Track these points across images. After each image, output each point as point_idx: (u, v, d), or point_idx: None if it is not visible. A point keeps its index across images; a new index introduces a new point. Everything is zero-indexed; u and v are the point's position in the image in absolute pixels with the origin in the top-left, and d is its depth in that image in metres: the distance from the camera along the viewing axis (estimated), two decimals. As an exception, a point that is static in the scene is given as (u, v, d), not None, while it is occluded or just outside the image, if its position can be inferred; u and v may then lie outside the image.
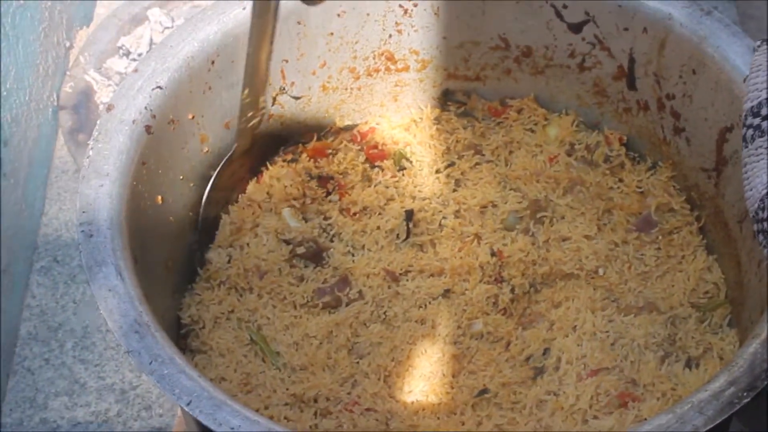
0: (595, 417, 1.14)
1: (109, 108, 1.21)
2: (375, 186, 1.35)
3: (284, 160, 1.38)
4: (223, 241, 1.31)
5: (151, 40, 1.85)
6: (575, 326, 1.22)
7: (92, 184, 1.14)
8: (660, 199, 1.32)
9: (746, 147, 1.00)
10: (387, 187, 1.35)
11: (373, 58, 1.40)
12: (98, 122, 1.20)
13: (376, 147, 1.40)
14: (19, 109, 1.61)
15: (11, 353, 1.54)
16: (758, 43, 1.04)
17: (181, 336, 1.27)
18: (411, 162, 1.38)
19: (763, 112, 1.00)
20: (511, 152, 1.39)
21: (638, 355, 1.19)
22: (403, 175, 1.37)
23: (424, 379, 1.19)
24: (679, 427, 0.92)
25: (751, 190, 0.98)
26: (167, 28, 1.85)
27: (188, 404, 0.97)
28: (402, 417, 1.15)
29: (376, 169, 1.38)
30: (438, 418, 1.16)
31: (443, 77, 1.43)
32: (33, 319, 1.59)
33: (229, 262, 1.30)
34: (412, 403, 1.17)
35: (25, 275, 1.61)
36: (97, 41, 1.85)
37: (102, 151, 1.17)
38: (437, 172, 1.38)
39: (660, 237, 1.30)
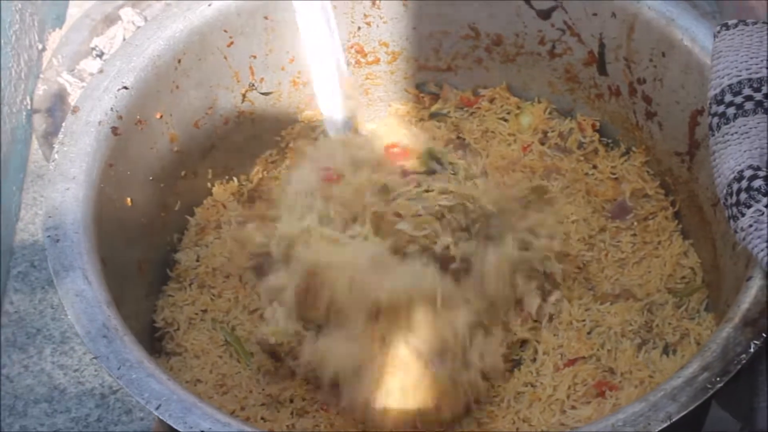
0: (573, 407, 1.13)
1: (75, 110, 1.20)
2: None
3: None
4: (189, 242, 1.30)
5: (124, 40, 1.83)
6: (551, 316, 1.21)
7: (58, 188, 1.13)
8: (634, 184, 1.31)
9: (713, 135, 0.99)
10: None
11: (343, 52, 1.38)
12: (63, 125, 1.19)
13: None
14: (-9, 113, 1.60)
15: (-10, 360, 1.53)
16: (717, 28, 1.03)
17: (156, 338, 1.26)
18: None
19: (727, 98, 0.99)
20: (486, 142, 1.37)
21: (615, 344, 1.18)
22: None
23: (399, 376, 1.17)
24: (653, 415, 0.91)
25: (719, 176, 0.98)
26: (140, 27, 1.83)
27: (157, 408, 0.96)
28: (379, 415, 1.14)
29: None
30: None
31: (414, 68, 1.42)
32: (11, 326, 1.57)
33: (197, 260, 1.28)
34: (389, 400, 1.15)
35: (2, 281, 1.60)
36: (70, 43, 1.82)
37: (68, 154, 1.16)
38: None
39: (635, 223, 1.29)
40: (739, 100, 0.99)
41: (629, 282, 1.24)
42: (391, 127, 1.42)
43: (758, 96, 0.99)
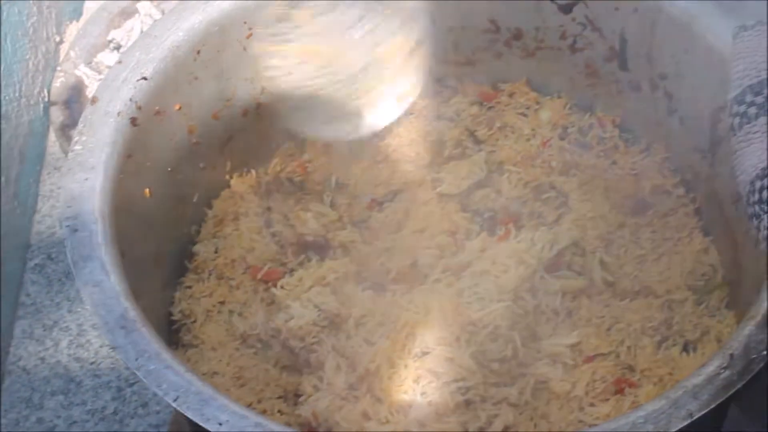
0: (592, 404, 1.12)
1: (94, 101, 1.20)
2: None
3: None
4: (207, 233, 1.30)
5: (142, 32, 1.83)
6: (570, 312, 1.20)
7: (77, 178, 1.12)
8: (654, 180, 1.30)
9: (735, 135, 0.99)
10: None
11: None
12: (82, 115, 1.19)
13: None
14: (9, 105, 1.60)
15: (6, 353, 1.53)
16: (735, 30, 1.03)
17: (174, 330, 1.26)
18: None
19: (747, 98, 0.99)
20: (505, 137, 1.37)
21: (634, 341, 1.17)
22: None
23: (414, 376, 1.17)
24: (674, 412, 0.90)
25: (741, 174, 0.98)
26: (159, 19, 1.83)
27: (175, 400, 0.96)
28: (397, 414, 1.13)
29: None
30: (432, 412, 1.14)
31: (433, 63, 1.41)
32: (28, 318, 1.57)
33: (216, 252, 1.28)
34: (405, 399, 1.15)
35: (19, 273, 1.60)
36: (87, 35, 1.82)
37: (87, 145, 1.15)
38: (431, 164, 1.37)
39: (655, 219, 1.28)
40: (760, 99, 0.99)
41: (649, 278, 1.23)
42: (405, 127, 1.41)
43: None
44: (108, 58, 1.82)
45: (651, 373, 1.14)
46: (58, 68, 1.79)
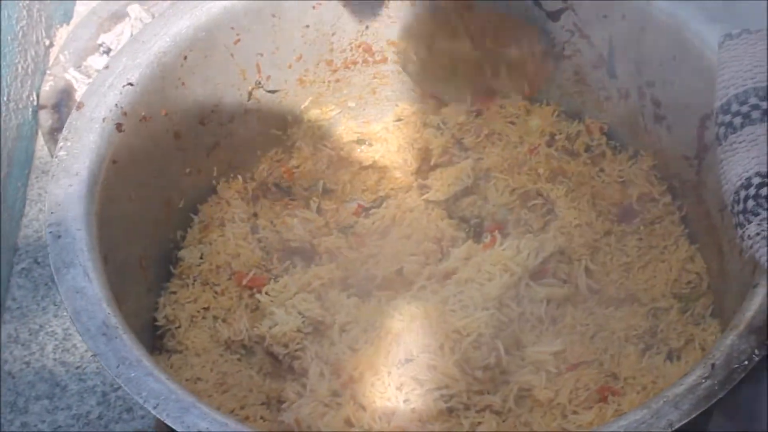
0: (575, 412, 1.12)
1: (79, 106, 1.20)
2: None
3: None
4: (192, 239, 1.30)
5: (131, 36, 1.82)
6: (554, 319, 1.20)
7: (61, 183, 1.12)
8: (641, 188, 1.30)
9: (720, 145, 0.99)
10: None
11: (350, 50, 1.38)
12: (68, 121, 1.18)
13: None
14: (-3, 109, 1.59)
15: (-8, 357, 1.53)
16: (721, 39, 1.03)
17: (158, 336, 1.26)
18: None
19: (733, 108, 0.99)
20: (492, 144, 1.36)
21: (619, 348, 1.17)
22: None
23: (398, 383, 1.16)
24: (655, 422, 0.90)
25: (726, 183, 0.98)
26: (146, 24, 1.83)
27: (155, 407, 0.95)
28: (380, 421, 1.13)
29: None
30: (416, 419, 1.13)
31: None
32: (13, 322, 1.57)
33: (201, 257, 1.28)
34: (388, 406, 1.14)
35: (5, 277, 1.59)
36: (77, 39, 1.82)
37: (72, 150, 1.15)
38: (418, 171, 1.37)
39: (642, 227, 1.28)
40: (745, 109, 0.99)
41: (634, 286, 1.23)
42: (393, 133, 1.41)
43: (765, 105, 0.99)
44: (98, 61, 1.81)
45: (635, 381, 1.14)
46: (48, 72, 1.78)
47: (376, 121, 1.44)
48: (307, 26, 1.33)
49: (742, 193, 0.95)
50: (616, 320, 1.20)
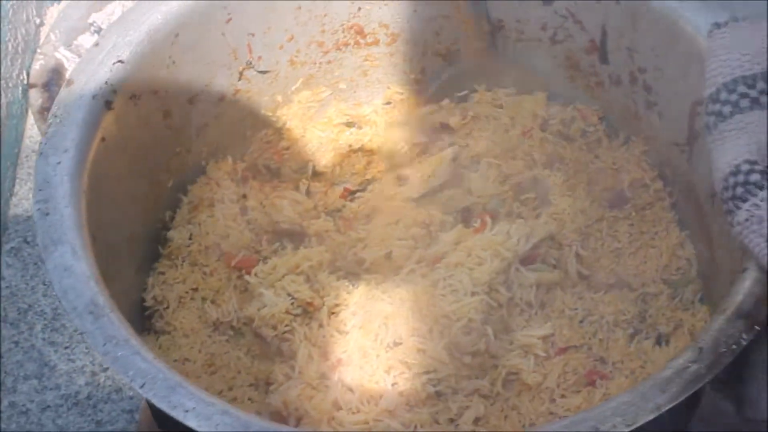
0: (563, 396, 1.12)
1: (69, 83, 1.19)
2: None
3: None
4: (181, 219, 1.29)
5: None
6: (543, 304, 1.20)
7: (50, 161, 1.11)
8: (633, 174, 1.29)
9: (710, 133, 1.00)
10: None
11: (342, 32, 1.38)
12: (57, 98, 1.18)
13: None
14: (-14, 87, 1.59)
15: (-21, 336, 1.52)
16: (709, 28, 1.03)
17: (146, 316, 1.25)
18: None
19: (722, 97, 1.00)
20: (480, 128, 1.36)
21: (607, 333, 1.17)
22: None
23: (386, 366, 1.16)
24: (642, 405, 0.90)
25: (716, 171, 0.99)
26: (138, 1, 1.82)
27: (142, 386, 0.95)
28: (368, 404, 1.12)
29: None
30: (403, 402, 1.13)
31: (414, 51, 1.40)
32: (2, 301, 1.56)
33: (190, 238, 1.28)
34: (376, 389, 1.14)
35: (-6, 256, 1.59)
36: (68, 18, 1.80)
37: (60, 128, 1.14)
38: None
39: (633, 213, 1.28)
40: (734, 97, 0.99)
41: (625, 272, 1.23)
42: (382, 116, 1.41)
43: (753, 93, 0.99)
44: (88, 41, 1.80)
45: (623, 365, 1.14)
46: (38, 51, 1.77)
47: (366, 103, 1.43)
48: (299, 7, 1.33)
49: (731, 180, 0.96)
50: (605, 305, 1.19)
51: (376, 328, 1.15)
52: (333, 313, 1.19)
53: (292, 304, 1.19)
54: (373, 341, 1.14)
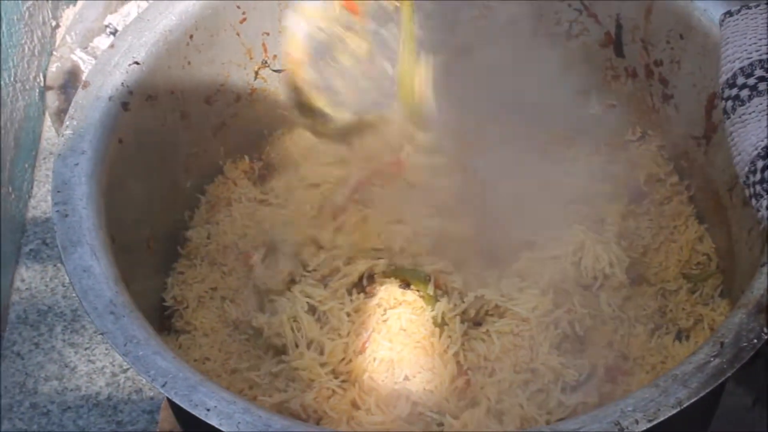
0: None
1: (85, 85, 1.20)
2: None
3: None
4: (199, 219, 1.30)
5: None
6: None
7: (68, 162, 1.12)
8: (649, 169, 1.29)
9: (729, 118, 0.98)
10: None
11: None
12: (74, 100, 1.18)
13: None
14: (4, 90, 1.59)
15: (0, 338, 1.53)
16: (721, 17, 1.02)
17: (166, 316, 1.25)
18: None
19: (739, 81, 0.98)
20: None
21: (628, 329, 1.16)
22: None
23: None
24: (663, 400, 0.89)
25: (739, 154, 0.96)
26: (152, 2, 1.82)
27: (163, 386, 0.95)
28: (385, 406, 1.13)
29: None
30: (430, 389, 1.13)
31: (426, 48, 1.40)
32: (22, 303, 1.57)
33: (208, 238, 1.28)
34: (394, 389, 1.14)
35: (13, 259, 1.60)
36: (84, 20, 1.81)
37: (78, 129, 1.15)
38: None
39: (652, 208, 1.27)
40: (752, 81, 0.98)
41: (645, 268, 1.22)
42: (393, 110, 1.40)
43: None
44: (104, 42, 1.80)
45: (644, 361, 1.14)
46: (54, 53, 1.78)
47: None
48: (314, 5, 1.32)
49: (759, 163, 0.94)
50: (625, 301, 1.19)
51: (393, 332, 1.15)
52: (349, 316, 1.18)
53: (307, 304, 1.19)
54: (390, 342, 1.14)
